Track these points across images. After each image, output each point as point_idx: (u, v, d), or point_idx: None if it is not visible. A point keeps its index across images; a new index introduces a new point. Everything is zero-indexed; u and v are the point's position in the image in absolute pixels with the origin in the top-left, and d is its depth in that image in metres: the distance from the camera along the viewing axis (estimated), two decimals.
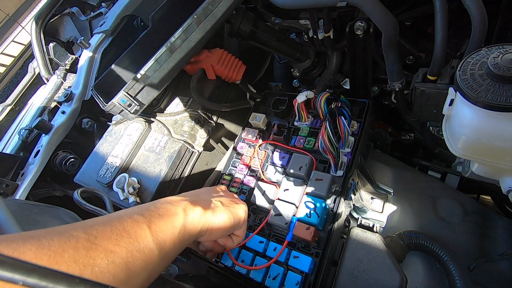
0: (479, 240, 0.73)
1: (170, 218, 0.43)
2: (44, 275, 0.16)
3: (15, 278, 0.15)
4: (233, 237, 0.59)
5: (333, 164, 0.66)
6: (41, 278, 0.16)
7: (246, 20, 0.82)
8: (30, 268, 0.16)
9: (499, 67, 0.39)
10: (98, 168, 0.79)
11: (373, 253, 0.57)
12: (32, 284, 0.15)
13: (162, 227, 0.41)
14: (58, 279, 0.16)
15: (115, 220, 0.37)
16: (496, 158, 0.46)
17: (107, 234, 0.35)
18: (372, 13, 0.63)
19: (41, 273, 0.16)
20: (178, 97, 0.84)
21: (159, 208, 0.43)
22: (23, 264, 0.15)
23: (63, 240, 0.31)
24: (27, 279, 0.15)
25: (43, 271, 0.16)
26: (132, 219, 0.39)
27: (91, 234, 0.34)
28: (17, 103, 3.68)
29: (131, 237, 0.37)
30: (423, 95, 0.65)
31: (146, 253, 0.37)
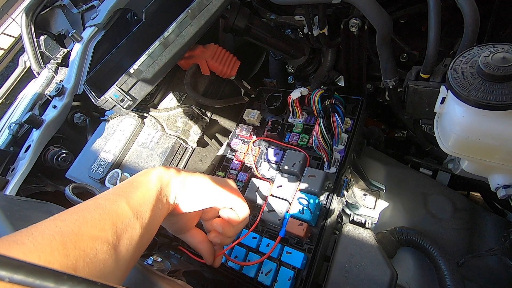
0: (468, 236, 0.74)
1: (144, 186, 0.42)
2: (31, 271, 0.16)
3: (2, 275, 0.15)
4: (235, 210, 0.52)
5: (326, 161, 0.67)
6: (28, 275, 0.15)
7: (241, 16, 0.81)
8: (17, 265, 0.15)
9: (489, 66, 0.39)
10: (90, 163, 0.78)
11: (364, 248, 0.57)
12: (19, 281, 0.15)
13: (138, 198, 0.40)
14: (46, 275, 0.16)
15: (93, 205, 0.37)
16: (486, 155, 0.46)
17: (89, 221, 0.34)
18: (366, 10, 0.63)
19: (28, 269, 0.16)
20: (172, 92, 0.84)
21: (132, 182, 0.42)
22: (9, 261, 0.15)
23: (49, 239, 0.30)
24: (14, 276, 0.15)
25: (30, 268, 0.16)
26: (108, 200, 0.38)
27: (75, 225, 0.33)
28: (7, 97, 3.62)
29: (113, 217, 0.36)
30: (416, 93, 0.65)
31: (129, 230, 0.37)
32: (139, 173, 0.45)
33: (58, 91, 1.00)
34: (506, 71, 0.38)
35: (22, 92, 1.31)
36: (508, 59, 0.38)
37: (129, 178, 0.44)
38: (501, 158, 0.45)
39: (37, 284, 0.16)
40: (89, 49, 1.06)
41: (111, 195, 0.39)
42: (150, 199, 0.41)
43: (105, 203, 0.37)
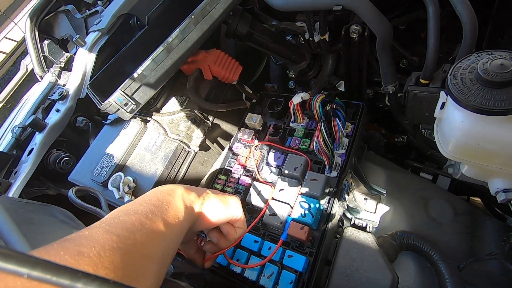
0: (469, 240, 0.74)
1: (175, 208, 0.44)
2: (48, 268, 0.16)
3: (21, 271, 0.16)
4: (235, 228, 0.56)
5: (327, 165, 0.67)
6: (45, 271, 0.16)
7: (243, 21, 0.83)
8: (34, 262, 0.16)
9: (488, 73, 0.40)
10: (93, 167, 0.79)
11: (365, 252, 0.58)
12: (36, 277, 0.16)
13: (172, 218, 0.42)
14: (62, 272, 0.17)
15: (137, 222, 0.37)
16: (485, 160, 0.47)
17: (138, 241, 0.35)
18: (366, 17, 0.65)
19: (45, 266, 0.16)
20: (174, 96, 0.85)
21: (162, 201, 0.44)
22: (28, 258, 0.16)
23: (111, 255, 0.31)
24: (32, 272, 0.16)
25: (47, 265, 0.16)
26: (149, 219, 0.39)
27: (128, 244, 0.34)
28: (8, 100, 3.63)
29: (157, 237, 0.38)
30: (415, 98, 0.66)
31: (169, 251, 0.39)
32: (164, 190, 0.47)
33: (61, 95, 1.01)
34: (504, 77, 0.39)
35: (25, 96, 1.32)
36: (506, 66, 0.39)
37: (155, 194, 0.45)
38: (501, 163, 0.46)
39: (53, 281, 0.16)
40: (93, 54, 1.07)
41: (149, 214, 0.40)
42: (180, 220, 0.43)
43: (147, 221, 0.38)
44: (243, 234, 0.57)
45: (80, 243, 0.31)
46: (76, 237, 0.32)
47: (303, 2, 0.70)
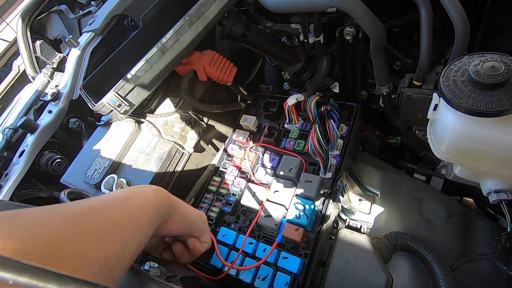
0: (462, 241, 0.75)
1: (145, 197, 0.43)
2: (34, 274, 0.16)
3: (6, 277, 0.15)
4: (201, 243, 0.56)
5: (322, 166, 0.67)
6: (32, 277, 0.16)
7: (237, 23, 0.82)
8: (21, 268, 0.16)
9: (479, 75, 0.41)
10: (85, 168, 0.78)
11: (360, 253, 0.58)
12: (23, 283, 0.15)
13: (139, 206, 0.41)
14: (49, 278, 0.16)
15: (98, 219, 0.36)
16: (477, 161, 0.48)
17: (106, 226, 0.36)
18: (360, 19, 0.65)
19: (32, 272, 0.16)
20: (169, 98, 0.84)
21: (131, 190, 0.44)
22: (14, 263, 0.15)
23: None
24: (18, 278, 0.15)
25: (34, 270, 0.16)
26: (113, 207, 0.38)
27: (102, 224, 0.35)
28: (0, 101, 3.56)
29: (122, 223, 0.37)
30: (409, 99, 0.67)
31: (133, 240, 0.38)
32: (135, 186, 0.48)
33: (53, 96, 1.00)
34: (495, 79, 0.40)
35: (17, 97, 1.30)
36: (497, 68, 0.40)
37: (127, 189, 0.46)
38: (492, 164, 0.46)
39: (40, 287, 0.16)
40: (86, 55, 1.06)
41: (114, 200, 0.40)
42: (150, 209, 0.43)
43: (109, 210, 0.38)
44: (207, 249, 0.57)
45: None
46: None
47: (297, 4, 0.71)
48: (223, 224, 0.70)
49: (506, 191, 0.48)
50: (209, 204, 0.74)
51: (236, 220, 0.70)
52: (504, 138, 0.42)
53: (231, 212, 0.70)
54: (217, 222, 0.71)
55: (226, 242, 0.66)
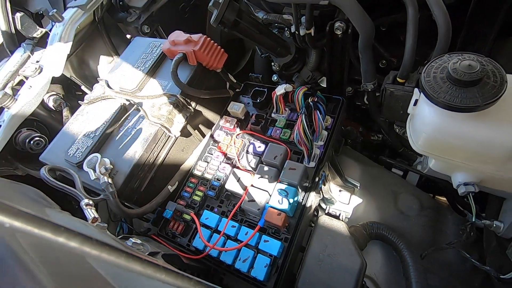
0: (432, 232, 0.80)
1: None
2: (29, 220, 0.16)
3: (2, 221, 0.16)
4: None
5: (306, 155, 0.69)
6: (27, 223, 0.16)
7: (230, 9, 0.82)
8: (16, 212, 0.16)
9: (457, 72, 0.43)
10: (67, 147, 0.76)
11: (337, 238, 0.61)
12: (18, 228, 0.16)
13: None
14: (43, 225, 0.17)
15: None
16: (450, 154, 0.51)
17: None
18: (351, 14, 0.67)
19: (27, 218, 0.16)
20: (156, 80, 0.83)
21: None
22: (10, 209, 0.16)
23: None
24: (14, 222, 0.16)
25: (29, 217, 0.16)
26: None
27: None
28: None
29: None
30: (392, 95, 0.70)
31: None
32: None
33: (35, 71, 0.96)
34: (470, 77, 0.42)
35: None
36: (473, 66, 0.43)
37: None
38: (464, 157, 0.50)
39: (36, 233, 0.16)
40: (71, 31, 1.02)
41: None
42: None
43: None
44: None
45: None
46: None
47: None
48: (206, 208, 0.71)
49: (474, 184, 0.52)
50: (193, 188, 0.74)
51: (220, 205, 0.71)
52: (475, 133, 0.45)
53: (215, 197, 0.71)
54: (200, 206, 0.72)
55: (208, 225, 0.67)
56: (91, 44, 1.17)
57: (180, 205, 0.72)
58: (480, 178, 0.52)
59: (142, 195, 0.73)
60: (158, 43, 0.90)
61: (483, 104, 0.41)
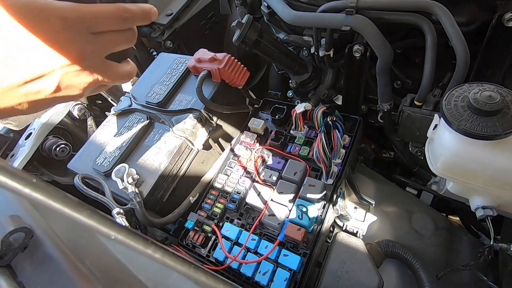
0: (446, 253, 0.81)
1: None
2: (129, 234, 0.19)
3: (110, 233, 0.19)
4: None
5: (325, 172, 0.72)
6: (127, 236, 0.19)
7: (252, 29, 0.87)
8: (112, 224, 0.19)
9: (477, 102, 0.46)
10: (95, 156, 0.80)
11: (355, 256, 0.62)
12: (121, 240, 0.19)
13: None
14: (137, 239, 0.19)
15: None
16: (469, 178, 0.53)
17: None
18: (371, 39, 0.70)
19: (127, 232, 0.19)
20: (181, 94, 0.87)
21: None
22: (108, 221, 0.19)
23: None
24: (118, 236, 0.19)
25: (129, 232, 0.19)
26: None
27: None
28: None
29: None
30: (409, 117, 0.72)
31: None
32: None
33: None
34: (491, 107, 0.45)
35: None
36: (493, 97, 0.45)
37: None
38: (483, 182, 0.52)
39: (132, 245, 0.19)
40: None
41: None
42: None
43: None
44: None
45: None
46: None
47: (314, 19, 0.76)
48: (226, 220, 0.74)
49: (492, 208, 0.54)
50: (213, 200, 0.77)
51: (239, 217, 0.73)
52: (495, 160, 0.47)
53: (235, 209, 0.74)
54: (220, 218, 0.74)
55: (229, 237, 0.69)
56: None
57: (201, 216, 0.74)
58: (498, 203, 0.54)
59: (164, 205, 0.75)
60: (183, 59, 0.95)
61: (503, 133, 0.44)
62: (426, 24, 0.67)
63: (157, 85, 0.90)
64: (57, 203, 0.17)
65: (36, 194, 0.17)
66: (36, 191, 0.16)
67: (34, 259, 0.36)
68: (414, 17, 0.68)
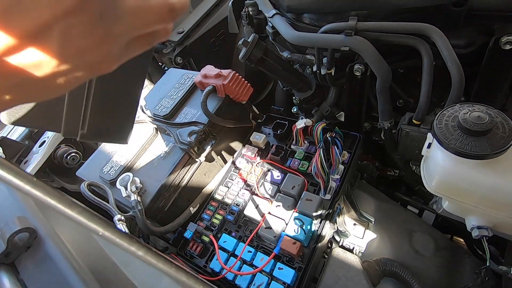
0: (448, 274, 0.79)
1: None
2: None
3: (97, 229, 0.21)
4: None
5: (323, 187, 0.73)
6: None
7: (257, 48, 0.91)
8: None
9: (467, 122, 0.47)
10: (102, 164, 0.83)
11: (351, 272, 0.62)
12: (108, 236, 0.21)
13: None
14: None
15: None
16: (462, 197, 0.53)
17: None
18: (369, 60, 0.73)
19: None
20: (187, 108, 0.91)
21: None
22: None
23: None
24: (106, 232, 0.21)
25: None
26: None
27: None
28: None
29: None
30: (407, 136, 0.73)
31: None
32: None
33: None
34: (479, 128, 0.46)
35: None
36: (482, 118, 0.46)
37: None
38: (475, 201, 0.52)
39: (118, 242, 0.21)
40: None
41: None
42: None
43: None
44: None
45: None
46: None
47: (315, 40, 0.79)
48: (224, 231, 0.75)
49: (487, 228, 0.54)
50: (213, 211, 0.79)
51: (237, 229, 0.75)
52: (486, 180, 0.47)
53: (233, 221, 0.75)
54: (219, 229, 0.76)
55: (226, 248, 0.70)
56: None
57: (200, 227, 0.76)
58: (493, 223, 0.53)
59: (165, 214, 0.78)
60: (190, 74, 1.00)
61: (492, 153, 0.45)
62: (423, 46, 0.69)
63: (165, 99, 0.94)
64: (53, 200, 0.19)
65: (35, 190, 0.19)
66: (36, 188, 0.19)
67: (36, 258, 0.38)
68: (412, 40, 0.71)
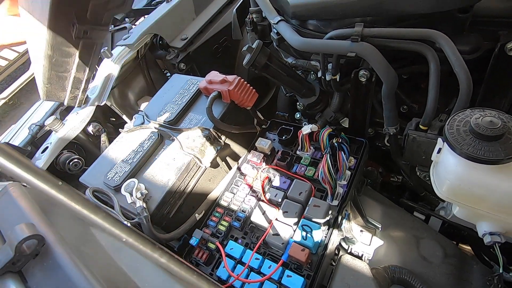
0: (456, 282, 0.78)
1: None
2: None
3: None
4: None
5: (330, 193, 0.72)
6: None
7: (262, 54, 0.91)
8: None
9: (479, 127, 0.47)
10: (106, 171, 0.82)
11: (360, 280, 0.61)
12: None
13: None
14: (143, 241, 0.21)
15: None
16: (474, 203, 0.53)
17: None
18: (376, 66, 0.73)
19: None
20: (192, 114, 0.90)
21: None
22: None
23: None
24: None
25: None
26: None
27: None
28: (12, 98, 3.69)
29: None
30: (414, 141, 0.73)
31: None
32: None
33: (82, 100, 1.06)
34: (492, 132, 0.46)
35: None
36: (494, 123, 0.46)
37: None
38: (488, 207, 0.51)
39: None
40: (118, 66, 1.15)
41: None
42: None
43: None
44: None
45: None
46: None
47: (321, 46, 0.79)
48: (230, 238, 0.74)
49: (500, 234, 0.53)
50: (219, 218, 0.78)
51: (244, 236, 0.74)
52: (499, 185, 0.47)
53: (239, 228, 0.74)
54: (225, 236, 0.74)
55: (233, 256, 0.69)
56: (132, 77, 1.29)
57: (206, 234, 0.75)
58: (506, 229, 0.53)
59: (170, 221, 0.76)
60: (195, 80, 0.99)
61: (506, 157, 0.44)
62: (430, 52, 0.69)
63: (169, 104, 0.94)
64: (78, 205, 0.18)
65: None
66: (61, 193, 0.18)
67: (44, 266, 0.37)
68: (418, 45, 0.71)
